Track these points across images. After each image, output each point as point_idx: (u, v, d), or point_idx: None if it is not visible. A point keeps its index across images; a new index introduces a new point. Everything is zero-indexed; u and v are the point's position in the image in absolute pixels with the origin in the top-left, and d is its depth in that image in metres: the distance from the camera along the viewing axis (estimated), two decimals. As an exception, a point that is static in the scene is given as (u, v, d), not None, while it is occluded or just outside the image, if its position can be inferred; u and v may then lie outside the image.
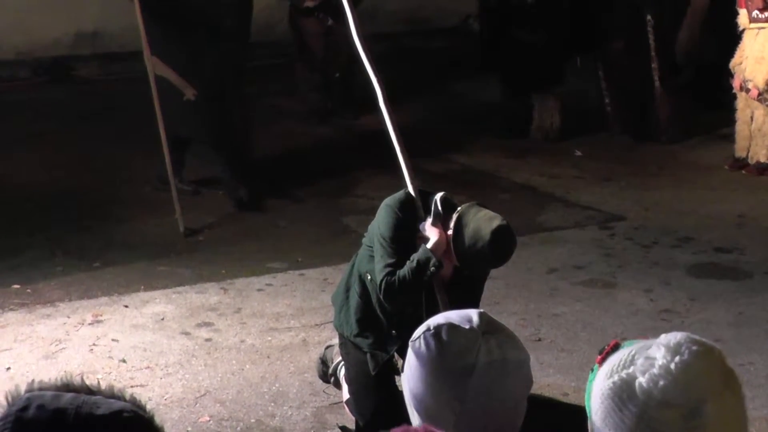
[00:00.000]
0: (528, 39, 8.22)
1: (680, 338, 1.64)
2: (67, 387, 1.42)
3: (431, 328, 1.88)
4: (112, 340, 4.98)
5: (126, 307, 5.35)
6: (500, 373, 1.85)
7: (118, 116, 8.96)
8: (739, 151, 7.69)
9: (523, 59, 8.27)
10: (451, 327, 1.86)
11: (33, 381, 1.43)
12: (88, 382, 1.42)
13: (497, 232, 3.78)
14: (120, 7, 10.33)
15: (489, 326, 1.90)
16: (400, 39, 11.61)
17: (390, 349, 4.08)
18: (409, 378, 1.88)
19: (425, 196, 4.03)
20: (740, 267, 5.96)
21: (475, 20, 11.05)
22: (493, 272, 5.17)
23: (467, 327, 1.87)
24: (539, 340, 5.02)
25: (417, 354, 1.86)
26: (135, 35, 10.35)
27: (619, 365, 1.64)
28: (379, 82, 4.27)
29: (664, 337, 1.65)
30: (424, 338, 1.86)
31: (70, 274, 5.73)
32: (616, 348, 1.72)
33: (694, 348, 1.62)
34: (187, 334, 5.07)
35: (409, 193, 4.03)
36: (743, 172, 7.64)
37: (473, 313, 1.91)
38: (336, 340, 4.44)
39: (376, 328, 4.10)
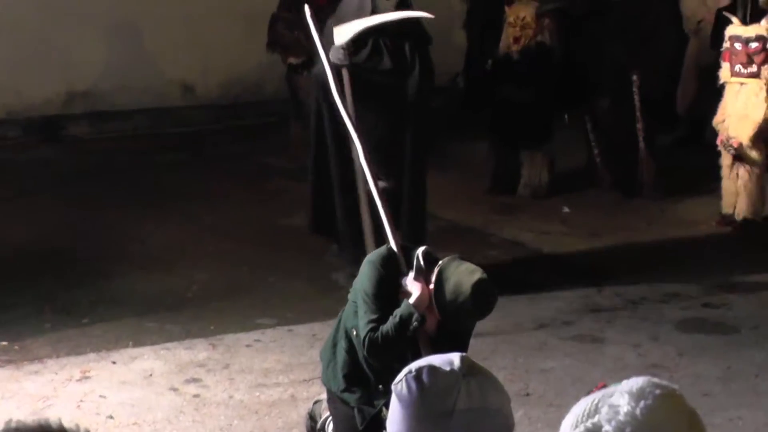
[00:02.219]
0: (516, 96, 8.29)
1: (642, 383, 1.64)
2: (42, 428, 1.43)
3: (413, 370, 1.90)
4: (100, 396, 4.97)
5: (114, 363, 5.34)
6: (480, 415, 1.86)
7: (109, 175, 9.00)
8: (726, 208, 7.74)
9: (511, 116, 8.34)
10: (432, 369, 1.89)
11: (11, 420, 1.44)
12: (66, 425, 1.43)
13: (478, 286, 3.82)
14: (112, 66, 10.46)
15: (470, 369, 1.91)
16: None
17: (377, 404, 4.08)
18: (392, 421, 1.90)
19: (407, 250, 4.07)
20: (728, 322, 5.98)
21: (461, 77, 11.17)
22: (482, 327, 5.19)
23: (448, 369, 1.89)
24: (528, 394, 5.02)
25: (399, 396, 1.88)
26: (126, 94, 10.52)
27: (583, 415, 1.63)
28: (360, 140, 4.33)
29: (626, 384, 1.65)
30: (406, 381, 1.88)
31: (58, 331, 5.72)
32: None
33: (658, 392, 1.62)
34: (175, 390, 5.06)
35: (391, 249, 4.07)
36: (730, 228, 7.67)
37: (455, 356, 1.93)
38: (324, 396, 4.45)
39: (363, 383, 4.11)
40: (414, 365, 1.91)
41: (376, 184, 4.24)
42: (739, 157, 7.50)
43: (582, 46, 8.45)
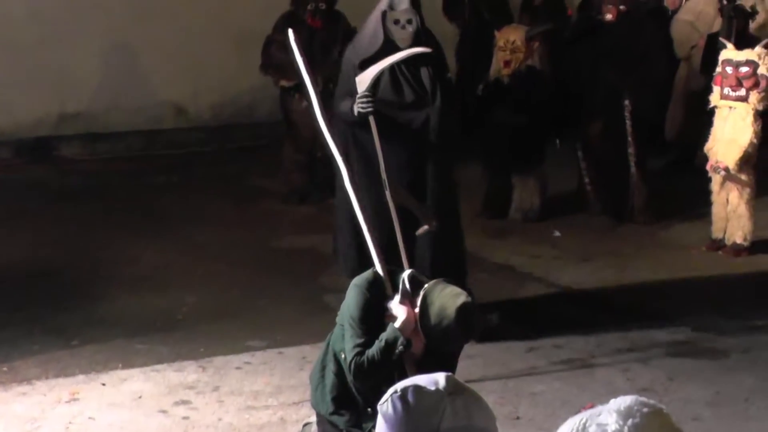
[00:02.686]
0: (507, 120, 8.32)
1: (630, 402, 1.65)
2: None
3: (398, 390, 1.91)
4: (89, 418, 4.96)
5: (103, 385, 5.33)
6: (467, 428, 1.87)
7: (100, 196, 9.02)
8: (716, 233, 7.76)
9: (502, 140, 8.37)
10: (417, 389, 1.90)
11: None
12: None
13: (462, 309, 3.84)
14: (104, 86, 10.48)
15: (455, 388, 1.92)
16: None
17: (366, 427, 4.09)
18: None
19: (394, 274, 4.08)
20: (718, 346, 5.99)
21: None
22: (471, 350, 5.21)
23: (433, 389, 1.90)
24: (518, 418, 5.01)
25: (384, 416, 1.89)
26: (118, 116, 10.54)
27: None
28: (344, 162, 4.35)
29: (613, 402, 1.66)
30: (391, 401, 1.89)
31: (47, 352, 5.70)
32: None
33: (645, 410, 1.64)
34: (164, 412, 5.05)
35: (376, 273, 4.09)
36: (720, 253, 7.70)
37: (440, 376, 1.94)
38: (314, 418, 4.44)
39: (352, 405, 4.11)
40: (399, 385, 1.92)
41: (360, 207, 4.25)
42: (729, 180, 7.52)
43: (573, 70, 8.49)
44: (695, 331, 6.19)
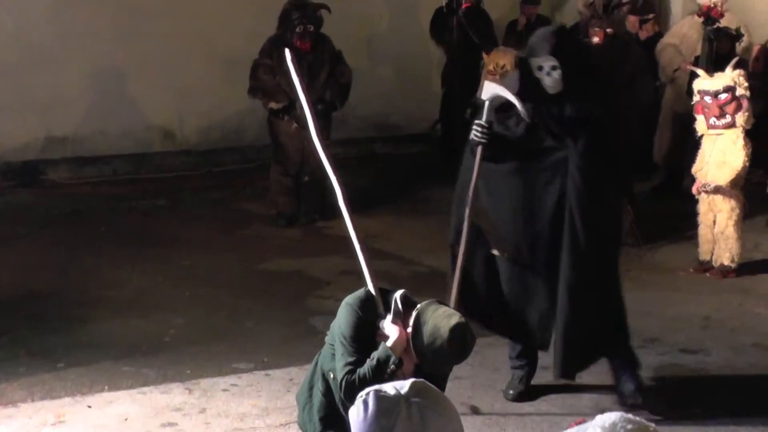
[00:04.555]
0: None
1: (615, 418, 1.66)
2: None
3: (363, 395, 1.95)
4: (74, 440, 4.93)
5: (89, 407, 5.30)
6: None
7: (87, 220, 9.00)
8: (703, 255, 7.78)
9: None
10: (376, 393, 1.96)
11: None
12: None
13: (455, 330, 3.83)
14: (91, 110, 10.49)
15: (418, 393, 1.95)
16: (370, 144, 11.77)
17: (352, 447, 4.06)
18: None
19: (386, 294, 4.08)
20: (704, 367, 5.99)
21: (440, 125, 11.25)
22: (460, 371, 5.20)
23: (392, 393, 1.94)
24: (505, 439, 5.00)
25: (351, 419, 1.96)
26: (105, 140, 10.54)
27: None
28: (339, 183, 4.34)
29: (599, 419, 1.67)
30: (356, 404, 1.95)
31: (33, 375, 5.67)
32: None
33: (630, 427, 1.64)
34: (150, 434, 5.02)
35: (369, 292, 4.08)
36: (707, 274, 7.72)
37: (408, 381, 1.98)
38: (300, 440, 4.42)
39: (339, 425, 4.08)
40: (366, 389, 1.97)
41: (353, 226, 4.24)
42: (720, 194, 7.53)
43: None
44: (682, 353, 6.19)
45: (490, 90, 5.23)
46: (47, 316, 6.62)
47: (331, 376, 4.08)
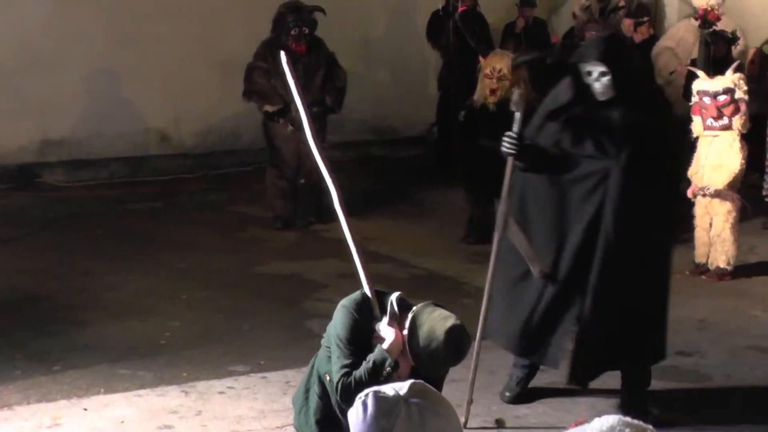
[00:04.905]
0: (491, 146, 8.33)
1: (613, 421, 1.66)
2: None
3: (362, 396, 1.95)
4: (70, 443, 4.93)
5: (85, 410, 5.30)
6: None
7: (83, 222, 9.00)
8: (699, 257, 7.79)
9: (486, 166, 8.38)
10: (376, 394, 1.96)
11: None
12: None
13: (451, 332, 3.83)
14: (87, 113, 10.49)
15: (417, 394, 1.95)
16: (366, 147, 11.78)
17: (349, 449, 4.06)
18: None
19: (381, 296, 4.08)
20: (700, 370, 6.00)
21: (436, 128, 11.26)
22: (456, 374, 5.19)
23: (392, 394, 1.94)
24: (501, 442, 5.01)
25: (350, 420, 1.96)
26: (101, 142, 10.54)
27: None
28: (335, 186, 4.34)
29: (597, 422, 1.67)
30: (355, 406, 1.95)
31: (29, 378, 5.67)
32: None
33: (627, 430, 1.64)
34: (146, 437, 5.02)
35: (365, 294, 4.08)
36: (704, 277, 7.73)
37: (407, 382, 1.98)
38: (297, 442, 4.42)
39: (336, 428, 4.08)
40: (365, 390, 1.98)
41: (349, 228, 4.24)
42: (718, 197, 7.54)
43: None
44: (678, 355, 6.19)
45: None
46: (43, 318, 6.61)
47: (327, 378, 4.08)
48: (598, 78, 5.07)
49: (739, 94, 7.40)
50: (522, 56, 8.57)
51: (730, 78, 7.45)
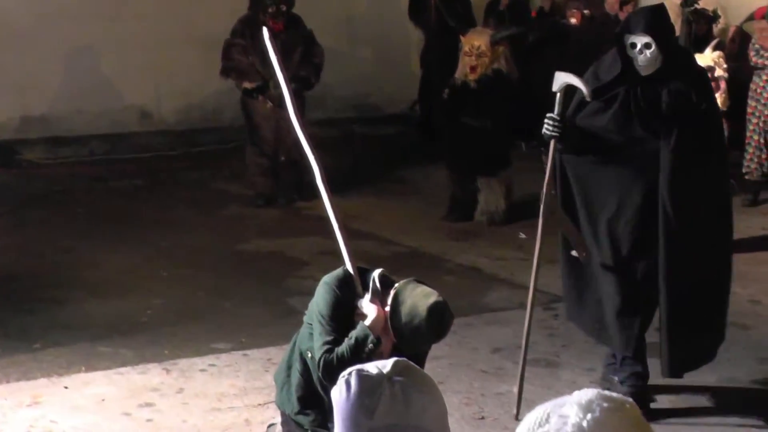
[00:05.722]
0: (473, 124, 8.34)
1: (591, 395, 1.66)
2: None
3: (345, 374, 1.95)
4: (51, 421, 4.91)
5: (66, 388, 5.28)
6: (401, 416, 1.90)
7: (64, 200, 8.96)
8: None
9: (468, 143, 8.39)
10: (359, 372, 1.97)
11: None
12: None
13: (433, 309, 3.84)
14: (67, 90, 10.42)
15: (401, 372, 1.95)
16: (349, 125, 11.76)
17: (331, 426, 4.06)
18: (334, 423, 1.97)
19: (363, 273, 4.08)
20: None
21: (418, 105, 11.25)
22: (438, 351, 5.20)
23: (375, 372, 1.94)
24: (483, 418, 5.02)
25: (333, 399, 1.96)
26: (82, 119, 10.47)
27: (534, 424, 1.66)
28: (317, 161, 4.32)
29: (576, 395, 1.67)
30: (339, 384, 1.96)
31: (9, 356, 5.64)
32: None
33: (605, 404, 1.64)
34: (128, 414, 5.01)
35: (347, 271, 4.07)
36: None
37: (390, 360, 1.98)
38: (278, 420, 4.42)
39: (318, 405, 4.09)
40: (348, 369, 1.98)
41: (332, 205, 4.23)
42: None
43: (539, 73, 8.52)
44: (658, 332, 6.20)
45: (560, 80, 4.99)
46: (23, 296, 6.58)
47: (309, 355, 4.08)
48: (641, 50, 4.86)
49: (718, 72, 7.42)
50: (501, 32, 8.56)
51: (710, 56, 7.46)
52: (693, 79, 5.00)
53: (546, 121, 4.97)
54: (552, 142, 5.01)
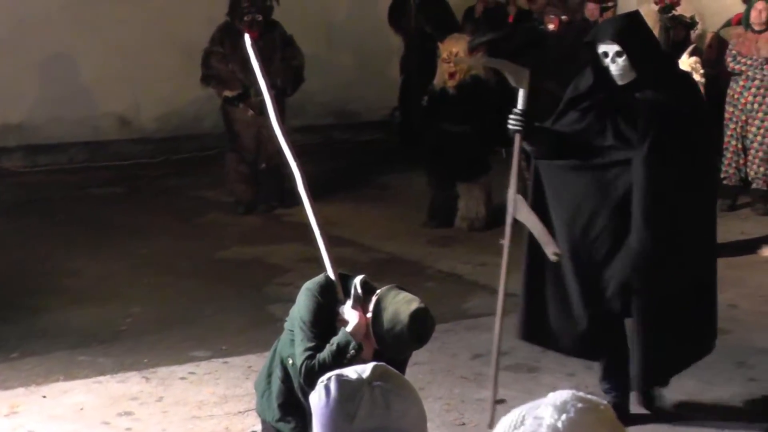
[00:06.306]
0: (452, 130, 8.36)
1: (566, 396, 1.67)
2: None
3: (324, 380, 1.95)
4: (29, 431, 4.88)
5: (44, 397, 5.25)
6: (381, 420, 1.90)
7: (42, 208, 8.92)
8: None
9: (447, 149, 8.40)
10: (338, 377, 1.96)
11: None
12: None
13: (415, 315, 3.83)
14: (46, 98, 10.37)
15: (380, 377, 1.95)
16: (329, 131, 11.75)
17: (311, 433, 4.05)
18: (312, 429, 1.94)
19: (345, 279, 4.07)
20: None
21: (398, 112, 11.26)
22: (418, 357, 5.20)
23: (354, 377, 1.94)
24: (463, 424, 5.02)
25: (312, 404, 1.95)
26: (60, 127, 10.43)
27: (510, 426, 1.67)
28: (299, 168, 4.31)
29: (551, 396, 1.68)
30: (318, 389, 1.95)
31: (-14, 365, 5.62)
32: None
33: (580, 405, 1.65)
34: (107, 423, 4.99)
35: (328, 277, 4.06)
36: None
37: (369, 365, 1.97)
38: (259, 427, 4.41)
39: (298, 412, 4.07)
40: (327, 374, 1.97)
41: (313, 211, 4.22)
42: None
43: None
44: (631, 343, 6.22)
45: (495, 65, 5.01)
46: (1, 305, 6.54)
47: (290, 362, 4.07)
48: (614, 59, 4.77)
49: (696, 78, 7.45)
50: (478, 38, 8.58)
51: (686, 62, 7.50)
52: (675, 85, 4.89)
53: (510, 116, 4.95)
54: (516, 137, 4.97)
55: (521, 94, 4.98)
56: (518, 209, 5.02)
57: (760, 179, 8.97)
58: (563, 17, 8.43)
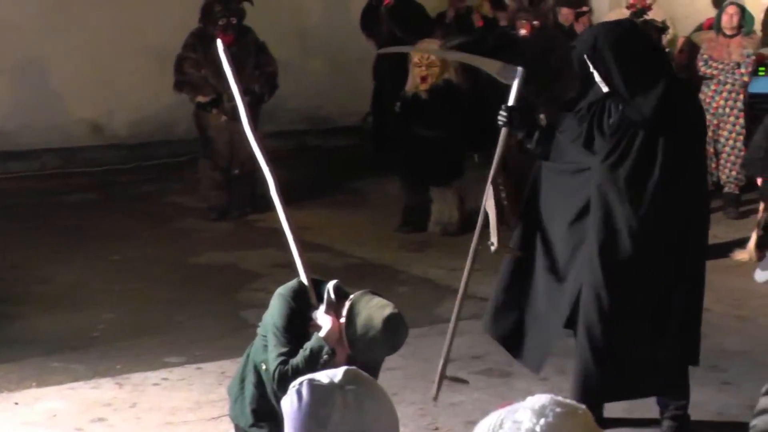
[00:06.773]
0: (425, 134, 8.38)
1: (545, 401, 1.68)
2: None
3: (296, 385, 1.95)
4: (1, 438, 4.87)
5: (17, 404, 5.24)
6: (354, 424, 1.90)
7: (14, 215, 8.87)
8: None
9: (420, 154, 8.42)
10: (310, 382, 1.96)
11: None
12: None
13: (389, 321, 3.85)
14: (17, 104, 10.31)
15: (352, 380, 1.96)
16: (302, 137, 11.75)
17: (285, 438, 4.06)
18: None
19: (318, 284, 4.08)
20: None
21: (371, 117, 11.26)
22: (392, 362, 5.21)
23: (326, 381, 1.94)
24: (437, 429, 5.04)
25: (284, 409, 1.95)
26: (32, 133, 10.37)
27: (488, 429, 1.68)
28: (272, 173, 4.31)
29: (530, 400, 1.69)
30: (289, 394, 1.95)
31: (-42, 373, 5.58)
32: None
33: (558, 410, 1.66)
34: (80, 430, 4.98)
35: (301, 282, 4.07)
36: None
37: (340, 369, 1.98)
38: (232, 432, 4.41)
39: (271, 417, 4.08)
40: (299, 379, 1.97)
41: (286, 216, 4.22)
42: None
43: (489, 83, 8.56)
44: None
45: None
46: (-27, 312, 6.52)
47: (263, 367, 4.07)
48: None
49: None
50: (450, 42, 8.61)
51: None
52: (662, 95, 4.69)
53: (500, 111, 5.03)
54: (502, 131, 5.03)
55: (513, 87, 5.05)
56: (487, 197, 5.15)
57: (731, 183, 9.05)
58: (535, 22, 8.47)
